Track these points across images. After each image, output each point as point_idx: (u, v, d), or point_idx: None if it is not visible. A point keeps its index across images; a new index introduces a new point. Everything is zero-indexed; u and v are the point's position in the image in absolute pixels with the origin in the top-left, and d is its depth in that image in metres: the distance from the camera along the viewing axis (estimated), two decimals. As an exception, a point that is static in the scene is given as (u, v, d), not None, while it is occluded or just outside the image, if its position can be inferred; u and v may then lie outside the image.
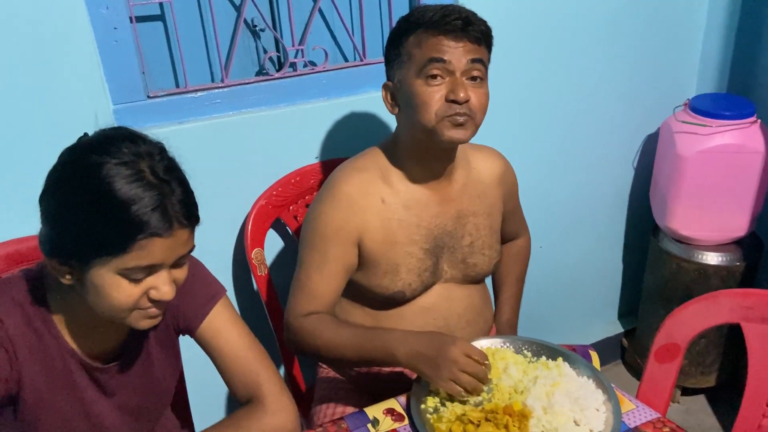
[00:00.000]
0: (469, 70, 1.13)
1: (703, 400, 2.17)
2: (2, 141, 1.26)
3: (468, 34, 1.12)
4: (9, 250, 1.27)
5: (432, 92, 1.12)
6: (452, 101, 1.11)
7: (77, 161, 0.83)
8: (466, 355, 1.05)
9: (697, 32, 2.01)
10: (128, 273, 0.83)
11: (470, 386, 1.04)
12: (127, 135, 0.85)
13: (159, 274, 0.86)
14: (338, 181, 1.22)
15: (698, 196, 1.86)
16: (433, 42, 1.12)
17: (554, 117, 1.89)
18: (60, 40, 1.24)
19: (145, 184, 0.80)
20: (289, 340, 1.23)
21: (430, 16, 1.13)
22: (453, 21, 1.11)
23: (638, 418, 1.04)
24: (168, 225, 0.82)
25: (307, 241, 1.23)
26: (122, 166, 0.80)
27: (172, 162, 0.87)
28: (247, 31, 1.52)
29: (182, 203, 0.83)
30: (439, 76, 1.12)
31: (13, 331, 0.89)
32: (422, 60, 1.12)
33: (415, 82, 1.13)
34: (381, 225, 1.21)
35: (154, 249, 0.82)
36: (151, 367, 1.05)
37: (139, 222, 0.80)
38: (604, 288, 2.31)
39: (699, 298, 1.18)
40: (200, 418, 1.39)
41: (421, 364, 1.08)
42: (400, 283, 1.24)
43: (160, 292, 0.86)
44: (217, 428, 0.99)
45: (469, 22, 1.12)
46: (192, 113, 1.43)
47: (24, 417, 0.94)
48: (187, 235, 0.86)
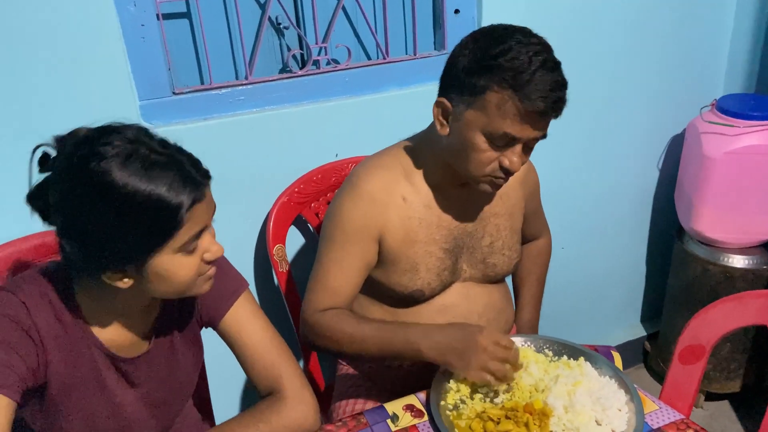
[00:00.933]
0: (530, 142, 1.10)
1: (727, 405, 2.13)
2: (32, 136, 1.28)
3: (551, 116, 1.08)
4: (35, 243, 1.29)
5: (491, 155, 1.09)
6: (504, 170, 1.10)
7: (81, 176, 0.81)
8: (495, 343, 1.05)
9: (725, 32, 1.99)
10: (185, 247, 0.87)
11: (500, 374, 1.04)
12: (107, 131, 0.84)
13: (204, 236, 0.90)
14: (360, 178, 1.22)
15: (725, 197, 1.83)
16: (515, 120, 1.04)
17: (579, 117, 1.87)
18: (89, 36, 1.26)
19: (159, 168, 0.82)
20: (305, 335, 1.23)
21: (523, 81, 1.02)
22: (543, 105, 1.03)
23: (661, 420, 1.03)
24: (198, 187, 0.85)
25: (327, 237, 1.23)
26: (126, 162, 0.80)
27: (156, 135, 0.87)
28: (272, 29, 1.53)
29: (194, 164, 0.86)
30: (502, 144, 1.08)
31: (41, 322, 0.90)
32: (497, 128, 1.05)
33: (479, 136, 1.08)
34: (401, 223, 1.21)
35: (198, 214, 0.86)
36: (174, 358, 1.06)
37: (176, 204, 0.82)
38: (627, 291, 2.28)
39: (725, 299, 1.16)
40: (220, 411, 1.41)
41: (449, 356, 1.07)
42: (419, 282, 1.24)
43: (212, 251, 0.91)
44: (239, 420, 1.00)
45: (557, 107, 1.06)
46: (216, 110, 1.45)
47: (50, 407, 0.95)
48: (209, 192, 0.89)
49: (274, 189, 1.51)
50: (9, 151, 1.27)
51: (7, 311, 0.88)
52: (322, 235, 1.25)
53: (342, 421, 1.06)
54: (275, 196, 1.51)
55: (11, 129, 1.26)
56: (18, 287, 0.91)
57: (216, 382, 1.42)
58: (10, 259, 1.26)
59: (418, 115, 1.30)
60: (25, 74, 1.24)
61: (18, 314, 0.88)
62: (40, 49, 1.23)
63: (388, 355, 1.15)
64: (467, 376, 1.07)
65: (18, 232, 1.27)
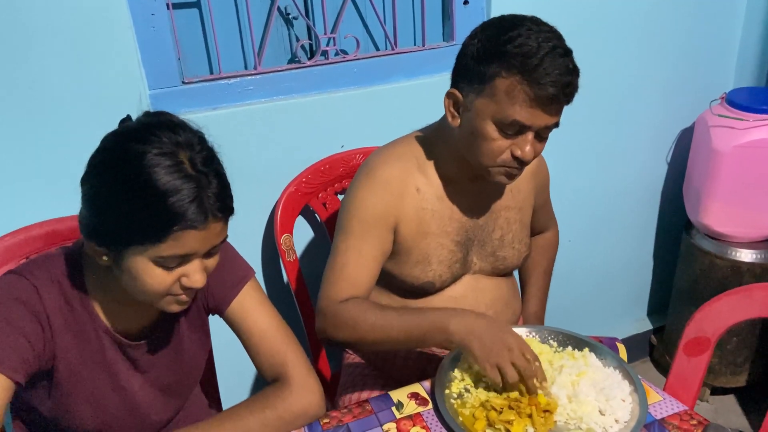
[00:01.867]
0: (543, 131, 1.09)
1: (732, 400, 2.13)
2: (44, 123, 1.30)
3: (562, 102, 1.06)
4: (48, 230, 1.31)
5: (503, 143, 1.09)
6: (517, 159, 1.10)
7: (119, 149, 0.84)
8: (520, 349, 1.03)
9: (736, 25, 1.97)
10: (162, 261, 0.85)
11: (512, 379, 1.01)
12: (167, 123, 0.86)
13: (192, 263, 0.88)
14: (376, 167, 1.21)
15: (734, 191, 1.82)
16: (524, 106, 1.04)
17: (588, 110, 1.86)
18: (100, 25, 1.27)
19: (183, 176, 0.82)
20: (324, 328, 1.18)
21: (532, 66, 1.01)
22: (552, 89, 1.02)
23: (665, 410, 1.03)
24: (203, 218, 0.83)
25: (344, 227, 1.21)
26: (162, 157, 0.82)
27: (211, 152, 0.88)
28: (281, 19, 1.54)
29: (218, 196, 0.85)
30: (512, 132, 1.08)
31: (51, 306, 0.92)
32: (506, 116, 1.05)
33: (489, 125, 1.08)
34: (415, 214, 1.21)
35: (189, 240, 0.84)
36: (181, 345, 1.08)
37: (175, 214, 0.81)
38: (633, 284, 2.28)
39: (732, 291, 1.16)
40: (228, 397, 1.42)
41: (474, 342, 1.03)
42: (430, 274, 1.24)
43: (191, 279, 0.88)
44: (245, 406, 1.01)
45: (568, 88, 1.04)
46: (225, 99, 1.46)
47: (58, 391, 0.97)
48: (220, 227, 0.88)
49: (282, 179, 1.52)
50: (21, 137, 1.29)
51: (17, 294, 0.90)
52: (339, 226, 1.23)
53: (347, 408, 1.07)
54: (283, 186, 1.52)
55: (23, 116, 1.27)
56: (29, 271, 0.92)
57: (223, 369, 1.43)
58: (21, 245, 1.28)
59: (427, 106, 1.30)
60: (36, 62, 1.25)
61: (28, 298, 0.90)
62: (51, 37, 1.24)
63: (413, 338, 1.11)
64: (481, 367, 1.03)
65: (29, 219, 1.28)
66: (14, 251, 1.27)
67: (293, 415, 1.01)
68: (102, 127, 0.90)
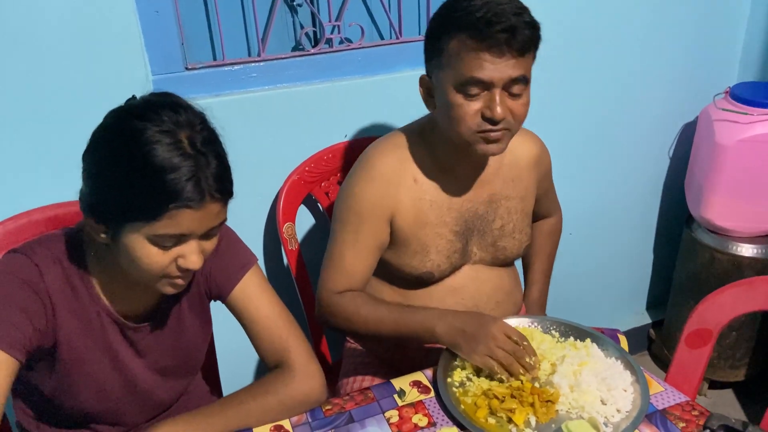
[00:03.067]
0: (509, 86, 1.07)
1: (730, 394, 2.14)
2: (47, 107, 1.29)
3: (512, 47, 1.03)
4: (50, 214, 1.30)
5: (468, 107, 1.08)
6: (488, 119, 1.08)
7: (120, 124, 0.85)
8: (505, 333, 1.06)
9: (741, 19, 1.96)
10: (158, 240, 0.85)
11: (505, 361, 1.05)
12: (169, 103, 0.86)
13: (188, 243, 0.87)
14: (372, 159, 1.22)
15: (736, 186, 1.82)
16: (473, 58, 1.04)
17: (591, 103, 1.86)
18: (103, 9, 1.26)
19: (181, 154, 0.82)
20: (322, 316, 1.24)
21: (474, 18, 1.03)
22: (497, 34, 1.02)
23: (666, 401, 1.03)
24: (200, 197, 0.83)
25: (340, 218, 1.23)
26: (162, 134, 0.82)
27: (212, 134, 0.88)
28: (285, 6, 1.53)
29: (216, 177, 0.84)
30: (476, 92, 1.07)
31: (52, 285, 0.92)
32: (461, 75, 1.06)
33: (453, 93, 1.08)
34: (413, 204, 1.22)
35: (184, 219, 0.83)
36: (182, 329, 1.08)
37: (171, 191, 0.81)
38: (633, 277, 2.28)
39: (734, 284, 1.16)
40: (228, 384, 1.42)
41: (460, 339, 1.09)
42: (429, 264, 1.24)
43: (188, 261, 0.88)
44: (247, 391, 1.01)
45: (514, 32, 1.02)
46: (228, 86, 1.45)
47: (60, 371, 0.97)
48: (218, 208, 0.87)
49: (285, 167, 1.52)
50: (23, 122, 1.28)
51: (20, 273, 0.90)
52: (335, 217, 1.25)
53: (349, 395, 1.08)
54: (286, 174, 1.52)
55: (26, 100, 1.27)
56: (32, 250, 0.92)
57: (224, 356, 1.44)
58: (23, 229, 1.27)
59: (431, 95, 1.30)
60: (39, 46, 1.24)
61: (30, 276, 0.90)
62: (54, 21, 1.23)
63: (403, 335, 1.17)
64: (472, 361, 1.08)
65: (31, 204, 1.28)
66: (16, 235, 1.27)
67: (295, 401, 1.02)
68: (105, 112, 0.89)
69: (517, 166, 1.30)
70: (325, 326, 1.25)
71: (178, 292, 0.95)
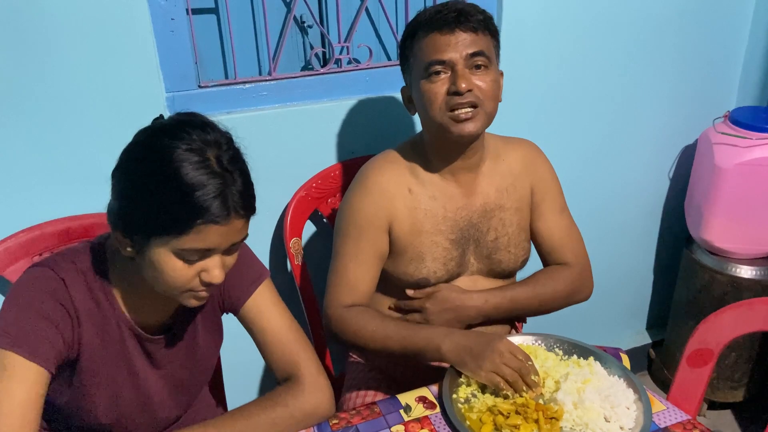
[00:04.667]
0: (469, 62, 1.15)
1: (729, 415, 2.14)
2: (63, 123, 1.32)
3: (462, 25, 1.14)
4: (62, 227, 1.33)
5: (435, 88, 1.16)
6: (454, 93, 1.14)
7: (150, 142, 0.88)
8: (511, 351, 1.08)
9: (740, 45, 2.00)
10: (184, 254, 0.88)
11: (511, 378, 1.06)
12: (198, 123, 0.89)
13: (212, 258, 0.90)
14: (368, 173, 1.28)
15: (735, 208, 1.85)
16: (430, 42, 1.15)
17: (591, 124, 1.89)
18: (120, 27, 1.29)
19: (209, 172, 0.85)
20: (329, 331, 1.26)
21: (426, 16, 1.17)
22: (447, 15, 1.14)
23: (668, 419, 1.05)
24: (226, 213, 0.86)
25: (341, 232, 1.27)
26: (191, 153, 0.85)
27: (237, 153, 0.91)
28: (296, 27, 1.57)
29: (241, 194, 0.88)
30: (441, 72, 1.16)
31: (77, 298, 0.94)
32: (423, 62, 1.16)
33: (421, 83, 1.18)
34: (408, 214, 1.26)
35: (210, 234, 0.86)
36: (196, 341, 1.09)
37: (200, 207, 0.84)
38: (633, 298, 2.30)
39: (734, 305, 1.18)
40: (233, 396, 1.43)
41: (466, 356, 1.10)
42: (424, 271, 1.27)
43: (211, 275, 0.91)
44: (256, 404, 1.03)
45: (462, 14, 1.14)
46: (240, 104, 1.48)
47: (78, 382, 0.98)
48: (242, 224, 0.90)
49: (293, 183, 1.55)
50: (39, 136, 1.31)
51: (46, 286, 0.92)
52: (336, 232, 1.29)
53: (356, 410, 1.09)
54: (293, 190, 1.54)
55: (42, 115, 1.29)
56: (56, 264, 0.94)
57: (229, 368, 1.45)
58: (35, 241, 1.30)
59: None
60: (57, 62, 1.27)
61: (58, 290, 0.92)
62: (72, 39, 1.27)
63: (409, 352, 1.18)
64: (478, 378, 1.09)
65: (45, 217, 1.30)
66: (28, 247, 1.29)
67: (304, 414, 1.03)
68: (119, 128, 0.92)
69: (511, 174, 1.32)
70: (333, 341, 1.26)
71: (200, 304, 0.97)
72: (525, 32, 1.69)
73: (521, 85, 1.69)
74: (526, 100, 1.74)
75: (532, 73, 1.73)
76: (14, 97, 1.26)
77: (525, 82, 1.71)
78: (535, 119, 1.79)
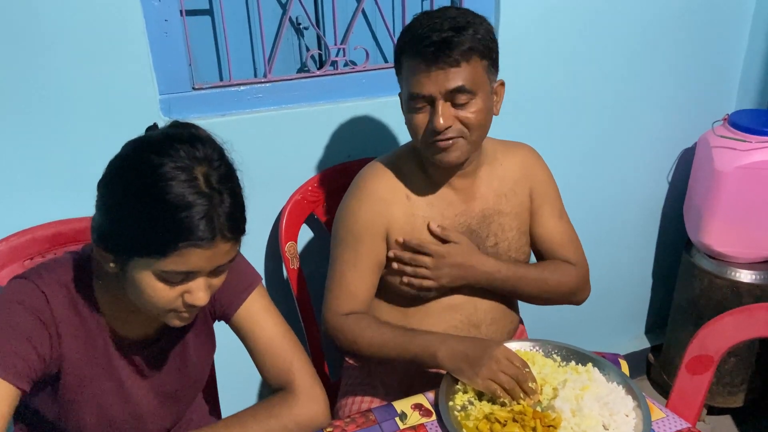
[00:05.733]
0: (449, 96, 1.12)
1: (729, 420, 2.13)
2: (55, 125, 1.30)
3: (441, 61, 1.08)
4: (53, 231, 1.31)
5: (417, 120, 1.15)
6: (431, 130, 1.13)
7: (136, 157, 0.83)
8: (508, 358, 1.07)
9: (739, 47, 2.00)
10: (165, 276, 0.84)
11: (508, 385, 1.05)
12: (188, 137, 0.85)
13: (196, 280, 0.86)
14: (365, 179, 1.26)
15: (735, 212, 1.84)
16: (412, 74, 1.12)
17: (590, 127, 1.88)
18: (113, 29, 1.28)
19: (196, 192, 0.80)
20: (328, 337, 1.25)
21: (415, 34, 1.11)
22: (426, 48, 1.08)
23: (668, 427, 1.03)
24: (211, 236, 0.81)
25: (338, 240, 1.25)
26: (178, 171, 0.80)
27: (229, 170, 0.86)
28: (292, 29, 1.55)
29: (229, 216, 0.83)
30: (423, 106, 1.14)
31: (58, 311, 0.91)
32: (407, 91, 1.15)
33: (407, 108, 1.17)
34: (406, 221, 1.24)
35: (194, 257, 0.82)
36: (186, 351, 1.07)
37: (182, 229, 0.80)
38: (632, 302, 2.29)
39: (734, 311, 1.17)
40: (227, 405, 1.42)
41: (462, 363, 1.09)
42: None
43: (194, 297, 0.87)
44: (249, 413, 1.01)
45: (446, 45, 1.07)
46: (235, 106, 1.47)
47: (64, 396, 0.96)
48: (228, 247, 0.85)
49: (289, 186, 1.53)
50: (31, 139, 1.29)
51: (25, 300, 0.89)
52: (334, 239, 1.27)
53: (351, 418, 1.07)
54: (289, 194, 1.53)
55: (33, 118, 1.28)
56: (38, 276, 0.92)
57: (223, 376, 1.43)
58: (26, 246, 1.28)
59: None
60: (49, 65, 1.25)
61: (36, 304, 0.89)
62: (65, 40, 1.25)
63: (405, 359, 1.17)
64: (474, 385, 1.08)
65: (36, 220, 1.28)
66: (19, 251, 1.27)
67: (298, 425, 1.01)
68: (111, 131, 0.90)
69: (510, 180, 1.31)
70: (332, 346, 1.26)
71: (184, 324, 0.94)
72: (523, 35, 1.67)
73: (519, 89, 1.68)
74: (524, 104, 1.73)
75: (530, 76, 1.72)
76: (5, 99, 1.24)
77: (523, 86, 1.70)
78: (534, 122, 1.78)
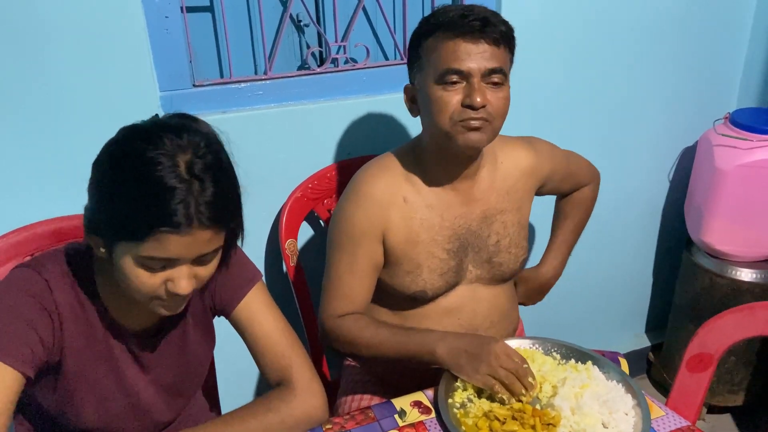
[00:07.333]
0: (486, 77, 1.10)
1: (729, 419, 2.13)
2: (55, 122, 1.30)
3: (486, 35, 1.08)
4: (53, 227, 1.31)
5: (448, 97, 1.10)
6: (468, 106, 1.09)
7: (124, 142, 0.85)
8: (507, 354, 1.07)
9: (741, 46, 1.99)
10: (145, 262, 0.84)
11: (507, 380, 1.05)
12: (175, 125, 0.85)
13: (178, 268, 0.86)
14: (361, 181, 1.24)
15: (735, 210, 1.83)
16: (450, 48, 1.08)
17: (591, 126, 1.88)
18: (114, 25, 1.28)
19: (175, 178, 0.80)
20: (324, 340, 1.24)
21: (448, 17, 1.10)
22: (471, 22, 1.07)
23: (667, 425, 1.03)
24: (187, 223, 0.81)
25: (335, 243, 1.24)
26: (161, 156, 0.80)
27: (216, 159, 0.85)
28: (292, 26, 1.55)
29: (209, 204, 0.82)
30: (456, 81, 1.10)
31: (61, 301, 0.92)
32: (440, 68, 1.10)
33: (433, 87, 1.11)
34: (404, 223, 1.22)
35: (171, 244, 0.82)
36: (186, 345, 1.08)
37: (158, 214, 0.80)
38: (632, 300, 2.29)
39: (734, 309, 1.17)
40: (227, 400, 1.42)
41: (461, 359, 1.09)
42: (421, 283, 1.25)
43: (176, 285, 0.86)
44: (248, 409, 1.01)
45: (487, 23, 1.08)
46: (235, 103, 1.47)
47: (63, 387, 0.96)
48: (209, 236, 0.84)
49: (289, 184, 1.53)
50: (32, 135, 1.29)
51: (30, 288, 0.90)
52: (330, 241, 1.25)
53: (350, 415, 1.07)
54: (289, 191, 1.52)
55: (34, 114, 1.28)
56: (42, 266, 0.93)
57: (223, 371, 1.43)
58: (26, 242, 1.28)
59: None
60: (50, 61, 1.25)
61: (39, 292, 0.90)
62: (65, 37, 1.25)
63: (403, 357, 1.16)
64: (474, 381, 1.08)
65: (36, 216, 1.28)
66: (19, 248, 1.27)
67: (296, 420, 1.01)
68: (112, 127, 0.89)
69: (511, 177, 1.30)
70: (328, 348, 1.25)
71: (172, 314, 0.94)
72: (524, 34, 1.64)
73: (520, 88, 1.67)
74: (525, 102, 1.72)
75: (530, 76, 1.71)
76: (5, 96, 1.24)
77: (524, 85, 1.69)
78: (534, 122, 1.77)
